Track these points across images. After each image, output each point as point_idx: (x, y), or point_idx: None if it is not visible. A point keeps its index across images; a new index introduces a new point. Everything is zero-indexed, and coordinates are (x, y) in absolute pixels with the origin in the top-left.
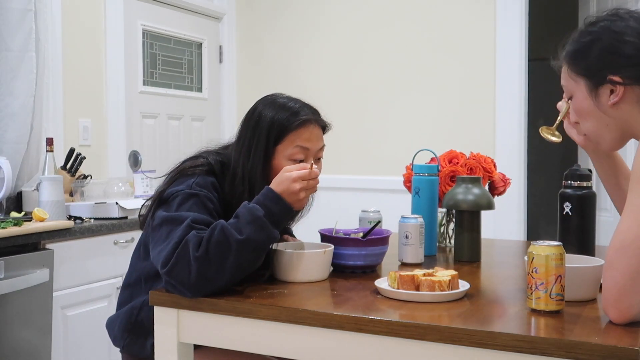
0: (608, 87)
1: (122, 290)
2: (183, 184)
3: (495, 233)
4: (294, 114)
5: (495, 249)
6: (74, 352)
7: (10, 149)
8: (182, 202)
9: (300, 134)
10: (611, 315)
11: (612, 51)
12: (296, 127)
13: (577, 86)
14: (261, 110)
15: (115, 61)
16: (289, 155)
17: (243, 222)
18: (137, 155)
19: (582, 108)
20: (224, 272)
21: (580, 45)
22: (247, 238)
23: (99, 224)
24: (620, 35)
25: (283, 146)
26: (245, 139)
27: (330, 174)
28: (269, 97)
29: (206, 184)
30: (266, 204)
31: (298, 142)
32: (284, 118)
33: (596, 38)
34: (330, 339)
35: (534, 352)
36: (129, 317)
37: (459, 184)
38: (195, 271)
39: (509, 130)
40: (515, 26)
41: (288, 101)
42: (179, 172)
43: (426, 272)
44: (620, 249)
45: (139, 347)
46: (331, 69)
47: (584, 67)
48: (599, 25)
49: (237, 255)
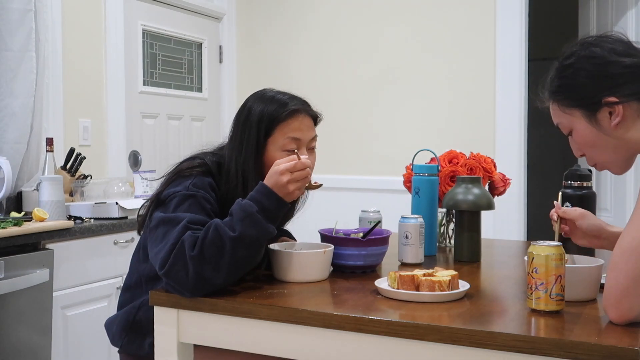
0: (606, 111)
1: (123, 292)
2: (180, 185)
3: (495, 233)
4: (283, 105)
5: (495, 249)
6: (74, 352)
7: (10, 149)
8: (180, 203)
9: (289, 124)
10: (611, 316)
11: (599, 75)
12: (285, 117)
13: (574, 119)
14: (251, 105)
15: (115, 61)
16: (281, 147)
17: (236, 219)
18: (137, 155)
19: (586, 139)
20: (220, 271)
21: (565, 80)
22: (240, 235)
23: (99, 224)
24: (600, 59)
25: (274, 138)
26: (236, 134)
27: (330, 174)
28: (258, 92)
29: (203, 184)
30: (259, 199)
31: (288, 133)
32: (273, 110)
33: (578, 68)
34: (330, 339)
35: (534, 352)
36: (128, 317)
37: (459, 184)
38: (192, 271)
39: (509, 130)
40: (515, 26)
41: (277, 94)
42: (176, 173)
43: (426, 272)
44: (626, 251)
45: (137, 346)
46: (331, 69)
47: (577, 98)
48: (575, 57)
49: (231, 253)
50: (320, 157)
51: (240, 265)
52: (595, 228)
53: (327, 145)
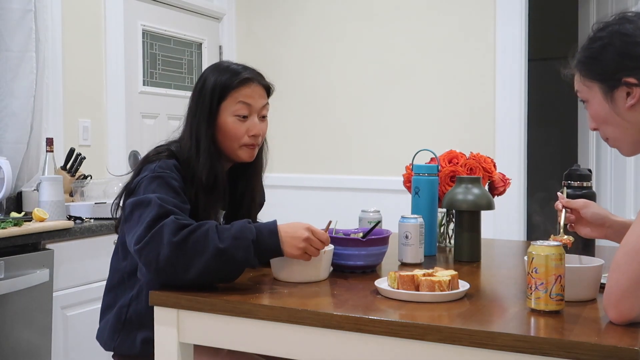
0: (624, 90)
1: (106, 294)
2: (146, 171)
3: (495, 233)
4: (236, 73)
5: (495, 249)
6: (74, 352)
7: (10, 149)
8: (148, 185)
9: (241, 91)
10: (611, 316)
11: (625, 54)
12: (237, 84)
13: (591, 92)
14: (206, 76)
15: (115, 61)
16: (233, 112)
17: (230, 234)
18: (137, 155)
19: (599, 113)
20: (190, 269)
21: (591, 52)
22: (225, 249)
23: (99, 224)
24: (631, 38)
25: (226, 103)
26: (192, 103)
27: (330, 174)
28: (214, 64)
29: (168, 166)
30: (262, 232)
31: (240, 99)
32: (227, 78)
33: (607, 42)
34: (330, 339)
35: (534, 352)
36: (119, 317)
37: (458, 184)
38: (165, 255)
39: (509, 130)
40: (515, 26)
41: (231, 64)
42: (142, 162)
43: (426, 272)
44: (629, 253)
45: (129, 345)
46: (331, 69)
47: (598, 72)
48: (608, 30)
49: (209, 260)
50: (320, 157)
51: (211, 274)
52: (600, 217)
53: (327, 145)
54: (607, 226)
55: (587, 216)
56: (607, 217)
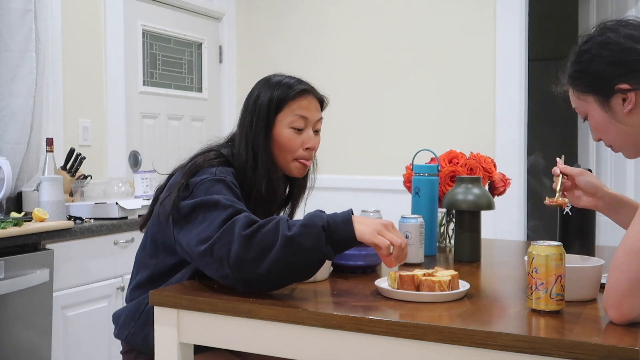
0: (619, 97)
1: (133, 290)
2: (206, 173)
3: (495, 233)
4: (291, 86)
5: (495, 249)
6: (74, 352)
7: (10, 149)
8: (209, 188)
9: (298, 103)
10: (611, 316)
11: (613, 62)
12: (294, 96)
13: (588, 105)
14: (259, 91)
15: (115, 61)
16: (289, 123)
17: (299, 222)
18: (137, 155)
19: (600, 124)
20: (261, 262)
21: (580, 65)
22: (292, 236)
23: (99, 224)
24: (616, 45)
25: (283, 115)
26: (246, 117)
27: (330, 174)
28: (264, 79)
29: (227, 172)
30: (334, 220)
31: (297, 111)
32: (283, 90)
33: (594, 54)
34: (330, 339)
35: (534, 352)
36: (139, 307)
37: (458, 184)
38: (235, 249)
39: (509, 130)
40: (515, 26)
41: (284, 78)
42: (195, 166)
43: (426, 272)
44: (630, 252)
45: (142, 338)
46: (331, 68)
47: (591, 84)
48: (592, 42)
49: (278, 251)
50: (321, 157)
51: (283, 269)
52: (593, 186)
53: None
54: (598, 196)
55: (582, 184)
56: (600, 188)
